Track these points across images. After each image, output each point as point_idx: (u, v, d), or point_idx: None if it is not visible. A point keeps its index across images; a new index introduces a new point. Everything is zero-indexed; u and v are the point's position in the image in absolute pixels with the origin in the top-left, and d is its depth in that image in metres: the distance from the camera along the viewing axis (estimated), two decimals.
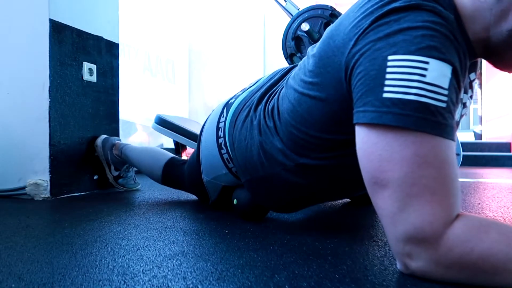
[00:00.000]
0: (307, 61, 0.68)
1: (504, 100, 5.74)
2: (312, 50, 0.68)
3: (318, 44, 0.66)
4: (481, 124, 7.68)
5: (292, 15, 1.80)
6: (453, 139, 0.49)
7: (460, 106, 0.64)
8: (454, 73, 0.49)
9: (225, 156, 0.90)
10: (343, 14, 0.62)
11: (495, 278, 0.45)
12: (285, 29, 1.78)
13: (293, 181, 0.76)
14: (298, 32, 1.73)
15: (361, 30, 0.53)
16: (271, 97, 0.81)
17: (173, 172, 1.23)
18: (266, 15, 4.57)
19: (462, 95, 0.55)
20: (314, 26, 1.70)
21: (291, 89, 0.71)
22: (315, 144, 0.69)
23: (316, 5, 1.74)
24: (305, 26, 1.68)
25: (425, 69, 0.47)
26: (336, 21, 0.63)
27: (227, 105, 0.94)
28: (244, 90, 0.95)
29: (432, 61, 0.47)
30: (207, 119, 1.02)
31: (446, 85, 0.48)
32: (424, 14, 0.49)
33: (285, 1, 1.85)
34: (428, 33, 0.48)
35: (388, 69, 0.49)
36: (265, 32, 4.61)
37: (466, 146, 4.48)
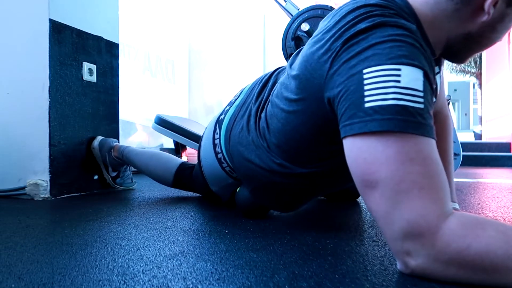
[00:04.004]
0: (288, 81, 0.72)
1: (504, 100, 5.74)
2: (291, 70, 0.71)
3: (296, 65, 0.69)
4: (481, 124, 7.68)
5: (292, 15, 1.80)
6: (434, 138, 0.52)
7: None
8: (426, 76, 0.52)
9: (227, 169, 0.94)
10: (313, 36, 0.66)
11: (495, 276, 0.45)
12: (285, 29, 1.78)
13: (295, 186, 0.81)
14: (298, 32, 1.73)
15: (334, 53, 0.57)
16: (259, 111, 0.84)
17: (185, 178, 1.27)
18: (266, 15, 4.58)
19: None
20: (314, 26, 1.70)
21: (278, 108, 0.75)
22: (309, 156, 0.74)
23: (316, 5, 1.74)
24: (305, 26, 1.68)
25: (398, 75, 0.51)
26: (308, 44, 0.67)
27: (219, 121, 0.97)
28: (231, 104, 0.98)
29: (403, 67, 0.51)
30: (202, 136, 1.07)
31: (421, 88, 0.51)
32: (389, 29, 0.54)
33: (285, 1, 1.85)
34: (395, 44, 0.52)
35: (365, 81, 0.52)
36: (265, 32, 4.61)
37: (466, 146, 4.48)
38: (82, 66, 1.42)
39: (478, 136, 7.97)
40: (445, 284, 0.49)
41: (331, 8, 1.71)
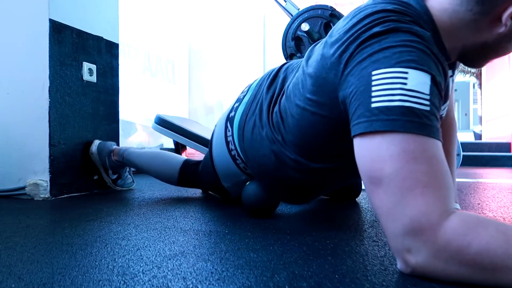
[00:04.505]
0: (304, 78, 0.73)
1: (504, 100, 5.74)
2: (308, 67, 0.72)
3: (313, 63, 0.71)
4: (481, 124, 7.68)
5: (292, 15, 1.79)
6: (439, 139, 0.53)
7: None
8: (434, 81, 0.53)
9: (241, 165, 0.96)
10: (331, 35, 0.67)
11: (495, 275, 0.45)
12: (285, 29, 1.78)
13: (309, 181, 0.83)
14: (298, 32, 1.73)
15: (349, 54, 0.60)
16: (271, 106, 0.85)
17: (189, 175, 1.28)
18: (266, 15, 4.57)
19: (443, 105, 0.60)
20: (314, 26, 1.70)
21: (293, 104, 0.76)
22: (324, 152, 0.76)
23: (316, 5, 1.74)
24: (305, 26, 1.68)
25: (405, 78, 0.52)
26: (325, 43, 0.68)
27: (229, 118, 0.98)
28: (239, 101, 0.99)
29: (411, 71, 0.53)
30: (213, 134, 1.08)
31: (427, 91, 0.52)
32: (401, 35, 0.56)
33: (285, 1, 1.85)
34: (405, 49, 0.54)
35: (373, 82, 0.54)
36: (265, 32, 4.61)
37: (466, 146, 4.48)
38: (82, 66, 1.42)
39: (478, 136, 7.97)
40: (445, 284, 0.49)
41: (331, 8, 1.71)
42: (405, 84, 0.52)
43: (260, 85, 0.94)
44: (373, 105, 0.53)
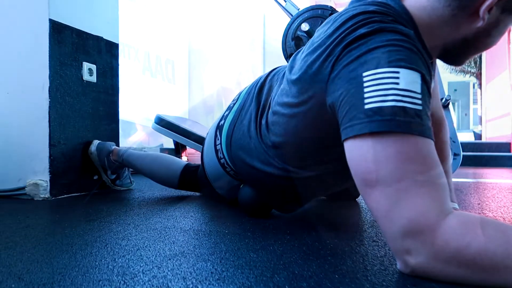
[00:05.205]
0: (288, 87, 0.72)
1: (504, 100, 5.74)
2: (291, 75, 0.71)
3: (296, 71, 0.69)
4: (481, 124, 7.68)
5: (292, 15, 1.80)
6: (432, 139, 0.53)
7: None
8: (423, 79, 0.54)
9: (231, 172, 0.96)
10: (313, 41, 0.67)
11: (494, 276, 0.45)
12: (285, 29, 1.78)
13: (298, 188, 0.83)
14: (298, 32, 1.73)
15: (335, 58, 0.59)
16: (258, 117, 0.85)
17: (190, 179, 1.29)
18: (266, 15, 4.58)
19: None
20: (314, 26, 1.70)
21: (279, 115, 0.76)
22: (311, 159, 0.76)
23: (316, 5, 1.74)
24: (305, 26, 1.68)
25: (397, 77, 0.52)
26: (307, 50, 0.68)
27: (219, 127, 0.98)
28: (229, 109, 0.99)
29: (401, 70, 0.52)
30: (204, 142, 1.08)
31: (418, 90, 0.52)
32: (387, 34, 0.56)
33: (285, 1, 1.85)
34: (393, 49, 0.54)
35: (365, 84, 0.53)
36: (265, 32, 4.61)
37: (466, 146, 4.48)
38: (82, 66, 1.42)
39: (478, 136, 7.97)
40: (445, 284, 0.49)
41: (331, 8, 1.71)
42: (397, 84, 0.51)
43: (248, 93, 0.94)
44: (367, 106, 0.52)
